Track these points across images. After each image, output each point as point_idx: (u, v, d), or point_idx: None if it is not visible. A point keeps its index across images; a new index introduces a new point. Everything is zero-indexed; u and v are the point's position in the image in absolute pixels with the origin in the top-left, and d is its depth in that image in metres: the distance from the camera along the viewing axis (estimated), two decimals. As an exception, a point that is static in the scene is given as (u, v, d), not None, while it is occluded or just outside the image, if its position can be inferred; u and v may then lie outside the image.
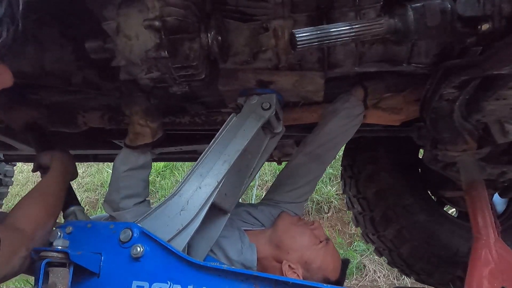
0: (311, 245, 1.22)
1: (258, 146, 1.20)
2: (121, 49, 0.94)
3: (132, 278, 0.91)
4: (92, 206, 4.69)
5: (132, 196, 1.17)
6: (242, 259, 1.17)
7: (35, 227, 0.97)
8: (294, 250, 1.20)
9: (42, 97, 1.29)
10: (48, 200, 1.07)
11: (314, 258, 1.20)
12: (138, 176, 1.19)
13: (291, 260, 1.18)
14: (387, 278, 3.59)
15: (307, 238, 1.23)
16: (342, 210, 4.17)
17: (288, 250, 1.20)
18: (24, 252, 0.91)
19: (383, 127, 1.49)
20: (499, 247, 1.32)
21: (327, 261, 1.22)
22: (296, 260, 1.19)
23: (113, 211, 1.16)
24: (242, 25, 1.03)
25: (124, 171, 1.16)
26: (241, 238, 1.24)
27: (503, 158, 1.34)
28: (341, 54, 1.05)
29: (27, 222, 0.97)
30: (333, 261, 1.24)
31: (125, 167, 1.16)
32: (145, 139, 1.15)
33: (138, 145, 1.16)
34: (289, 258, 1.19)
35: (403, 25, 0.82)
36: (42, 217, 1.01)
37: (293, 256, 1.19)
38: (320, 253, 1.21)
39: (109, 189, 1.19)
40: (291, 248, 1.20)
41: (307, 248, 1.21)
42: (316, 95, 1.14)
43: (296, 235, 1.23)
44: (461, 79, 0.97)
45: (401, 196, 1.89)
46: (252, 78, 1.10)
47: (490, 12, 0.80)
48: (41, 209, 1.02)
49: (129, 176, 1.17)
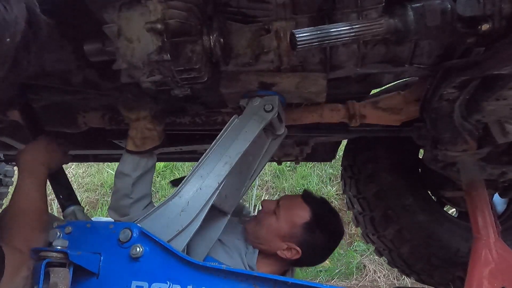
0: (272, 224, 1.30)
1: (259, 148, 1.20)
2: (123, 52, 0.93)
3: (131, 278, 0.91)
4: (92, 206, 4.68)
5: (143, 199, 1.18)
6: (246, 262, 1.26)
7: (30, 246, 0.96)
8: (272, 240, 1.29)
9: (42, 97, 1.29)
10: (34, 215, 1.03)
11: (283, 227, 1.29)
12: (149, 178, 1.20)
13: (280, 247, 1.27)
14: (387, 278, 3.58)
15: (267, 223, 1.31)
16: (342, 210, 4.16)
17: (270, 244, 1.29)
18: (26, 272, 0.90)
19: (383, 127, 1.48)
20: (499, 247, 1.32)
21: (293, 216, 1.30)
22: (281, 242, 1.27)
23: (120, 217, 1.16)
24: (244, 27, 1.03)
25: (136, 176, 1.16)
26: (246, 244, 1.32)
27: (503, 158, 1.34)
28: (343, 55, 1.05)
29: (22, 242, 0.95)
30: (297, 209, 1.32)
31: (137, 173, 1.16)
32: (154, 143, 1.17)
33: (146, 149, 1.16)
34: (277, 247, 1.28)
35: (403, 25, 0.82)
36: (35, 237, 0.98)
37: (277, 244, 1.28)
38: (282, 219, 1.30)
39: (116, 196, 1.17)
40: (269, 241, 1.29)
41: (273, 229, 1.29)
42: (318, 96, 1.14)
43: (262, 231, 1.31)
44: (461, 79, 0.98)
45: (401, 196, 1.89)
46: (254, 80, 1.10)
47: (490, 12, 0.80)
48: (32, 229, 1.00)
49: (141, 180, 1.17)
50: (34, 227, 1.01)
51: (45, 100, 1.32)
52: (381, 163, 1.93)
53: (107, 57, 0.99)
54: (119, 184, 1.17)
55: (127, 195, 1.15)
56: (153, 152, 1.20)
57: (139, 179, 1.16)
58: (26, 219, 1.02)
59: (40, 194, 1.08)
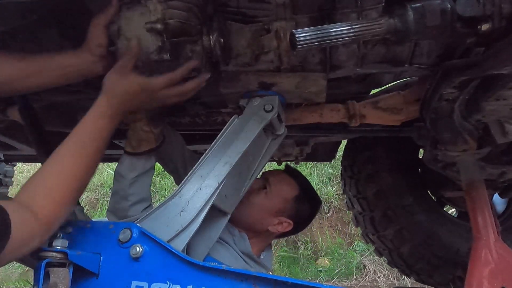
0: (263, 201, 1.33)
1: (259, 148, 1.20)
2: (123, 52, 0.94)
3: (131, 278, 0.91)
4: (92, 206, 4.69)
5: (141, 201, 1.16)
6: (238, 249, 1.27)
7: (55, 213, 0.81)
8: (262, 217, 1.32)
9: (42, 97, 1.29)
10: (78, 171, 0.84)
11: (275, 203, 1.34)
12: (146, 180, 1.19)
13: (270, 222, 1.32)
14: (387, 278, 3.59)
15: (255, 200, 1.33)
16: (342, 210, 4.17)
17: (259, 221, 1.32)
18: (37, 244, 0.79)
19: (383, 127, 1.49)
20: (499, 247, 1.32)
21: (283, 192, 1.36)
22: (271, 218, 1.32)
23: (119, 219, 1.15)
24: (244, 27, 1.03)
25: (132, 178, 1.14)
26: (230, 231, 1.31)
27: (503, 158, 1.34)
28: (343, 56, 1.05)
29: (46, 205, 0.79)
30: (285, 184, 1.38)
31: (133, 174, 1.15)
32: (150, 145, 1.15)
33: (143, 151, 1.15)
34: (268, 223, 1.32)
35: (403, 25, 0.82)
36: (65, 201, 0.82)
37: (267, 220, 1.32)
38: (273, 194, 1.34)
39: (114, 198, 1.17)
40: (259, 219, 1.32)
41: (264, 206, 1.33)
42: (318, 96, 1.14)
43: (250, 210, 1.32)
44: (461, 79, 0.97)
45: (401, 196, 1.89)
46: (254, 80, 1.10)
47: (490, 12, 0.80)
48: (68, 187, 0.82)
49: (138, 182, 1.16)
50: (72, 188, 0.84)
51: (45, 100, 1.32)
52: (381, 163, 1.93)
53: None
54: (116, 186, 1.16)
55: (124, 197, 1.14)
56: (151, 154, 1.20)
57: (136, 181, 1.15)
58: (68, 170, 0.84)
59: (99, 145, 0.89)
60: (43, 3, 0.91)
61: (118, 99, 0.92)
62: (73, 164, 0.85)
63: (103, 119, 0.91)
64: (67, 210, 0.86)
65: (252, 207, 1.32)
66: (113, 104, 0.92)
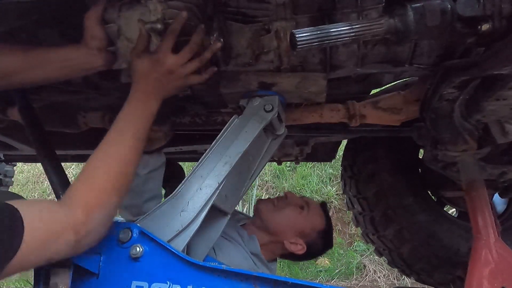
0: (296, 218, 1.41)
1: (259, 148, 1.20)
2: (123, 52, 0.94)
3: (131, 278, 0.91)
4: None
5: (154, 198, 1.19)
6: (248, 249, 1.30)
7: (93, 204, 0.77)
8: (287, 230, 1.39)
9: (42, 97, 1.29)
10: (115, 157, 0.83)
11: (304, 225, 1.41)
12: (158, 177, 1.21)
13: (289, 238, 1.38)
14: (387, 278, 3.59)
15: (290, 214, 1.41)
16: (342, 210, 4.17)
17: (282, 233, 1.38)
18: (71, 235, 0.74)
19: (383, 127, 1.49)
20: (499, 247, 1.32)
21: (315, 221, 1.44)
22: (293, 235, 1.39)
23: (134, 217, 1.17)
24: (244, 27, 1.03)
25: (145, 174, 1.17)
26: (240, 233, 1.33)
27: (503, 158, 1.34)
28: (343, 55, 1.05)
29: (81, 194, 0.77)
30: (319, 216, 1.47)
31: (146, 170, 1.17)
32: (160, 143, 1.18)
33: (153, 150, 1.17)
34: (287, 237, 1.38)
35: (403, 25, 0.82)
36: (105, 187, 0.79)
37: (289, 234, 1.38)
38: (307, 218, 1.42)
39: (129, 195, 1.17)
40: (284, 230, 1.38)
41: (295, 222, 1.40)
42: (318, 96, 1.14)
43: (281, 219, 1.40)
44: (461, 79, 0.97)
45: (401, 196, 1.89)
46: (254, 80, 1.10)
47: (490, 12, 0.80)
48: (109, 177, 0.80)
49: (151, 178, 1.18)
50: (114, 178, 0.81)
51: (45, 100, 1.32)
52: (381, 163, 1.93)
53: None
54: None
55: (139, 194, 1.16)
56: (162, 151, 1.21)
57: (149, 177, 1.18)
58: (111, 161, 0.82)
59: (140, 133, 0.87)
60: (43, 3, 0.91)
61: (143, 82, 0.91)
62: (112, 152, 0.84)
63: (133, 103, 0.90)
64: (111, 199, 0.81)
65: (283, 216, 1.39)
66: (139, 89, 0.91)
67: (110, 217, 0.83)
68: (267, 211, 1.41)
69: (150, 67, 0.89)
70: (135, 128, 0.87)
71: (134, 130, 0.86)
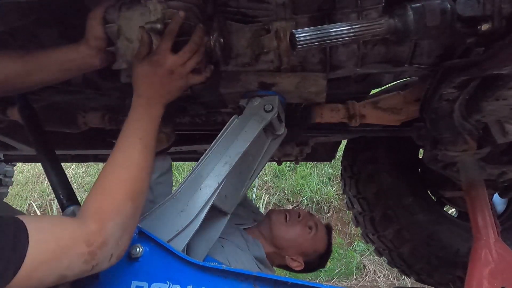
0: (304, 239, 1.43)
1: (259, 148, 1.20)
2: (123, 52, 0.93)
3: (131, 278, 0.91)
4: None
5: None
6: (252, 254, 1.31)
7: (105, 211, 0.73)
8: (292, 247, 1.42)
9: (42, 97, 1.29)
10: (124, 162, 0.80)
11: (309, 246, 1.45)
12: (168, 180, 1.21)
13: (292, 254, 1.41)
14: (387, 278, 3.58)
15: (299, 233, 1.43)
16: (342, 210, 4.17)
17: (287, 248, 1.41)
18: (83, 247, 0.68)
19: (383, 127, 1.48)
20: (499, 247, 1.32)
21: (319, 244, 1.49)
22: (295, 253, 1.42)
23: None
24: (244, 27, 1.03)
25: (154, 179, 1.16)
26: (244, 237, 1.33)
27: (503, 158, 1.34)
28: (343, 56, 1.05)
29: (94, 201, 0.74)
30: (323, 240, 1.51)
31: (154, 176, 1.16)
32: (162, 145, 1.18)
33: (156, 152, 1.16)
34: (289, 253, 1.41)
35: (403, 25, 0.82)
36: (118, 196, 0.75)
37: (292, 251, 1.42)
38: (313, 240, 1.45)
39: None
40: (289, 246, 1.41)
41: (301, 243, 1.43)
42: (318, 96, 1.14)
43: (290, 236, 1.41)
44: (461, 79, 0.97)
45: (401, 196, 1.89)
46: (254, 80, 1.10)
47: (490, 12, 0.80)
48: (120, 183, 0.77)
49: (161, 183, 1.18)
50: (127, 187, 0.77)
51: (45, 100, 1.32)
52: (381, 163, 1.93)
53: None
54: None
55: (148, 199, 1.14)
56: (166, 154, 1.21)
57: (159, 182, 1.17)
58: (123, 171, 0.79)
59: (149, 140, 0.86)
60: (43, 3, 0.91)
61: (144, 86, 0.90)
62: (122, 158, 0.82)
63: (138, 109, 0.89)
64: (125, 205, 0.76)
65: (293, 234, 1.41)
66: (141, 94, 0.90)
67: (127, 226, 0.77)
68: (279, 224, 1.43)
69: (151, 70, 0.88)
70: (143, 133, 0.86)
71: (142, 135, 0.85)
